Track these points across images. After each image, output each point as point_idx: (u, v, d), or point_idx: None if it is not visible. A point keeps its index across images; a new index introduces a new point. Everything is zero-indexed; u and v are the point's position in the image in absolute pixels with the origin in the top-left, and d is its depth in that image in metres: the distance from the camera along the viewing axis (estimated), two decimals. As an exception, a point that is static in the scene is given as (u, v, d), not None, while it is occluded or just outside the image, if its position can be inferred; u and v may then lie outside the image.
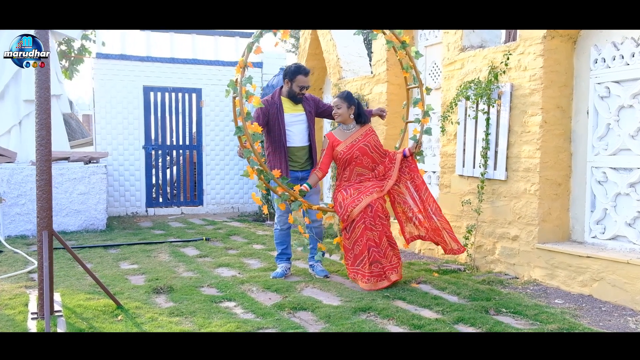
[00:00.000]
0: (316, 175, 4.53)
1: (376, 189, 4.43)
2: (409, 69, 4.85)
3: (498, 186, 4.89)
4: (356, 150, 4.50)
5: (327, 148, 4.56)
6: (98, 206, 7.37)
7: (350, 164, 4.52)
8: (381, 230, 4.30)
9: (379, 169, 4.58)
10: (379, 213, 4.30)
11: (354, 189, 4.44)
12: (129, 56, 8.93)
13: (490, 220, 4.98)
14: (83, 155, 7.60)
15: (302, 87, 4.63)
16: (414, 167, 4.63)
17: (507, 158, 4.79)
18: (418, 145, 4.68)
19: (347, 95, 4.57)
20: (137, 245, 6.31)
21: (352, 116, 4.56)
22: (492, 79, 4.85)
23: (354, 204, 4.29)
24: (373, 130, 4.67)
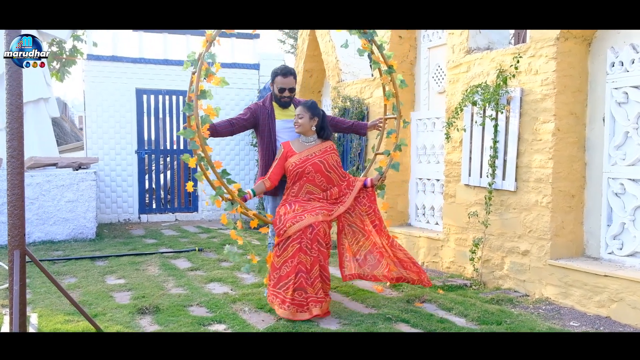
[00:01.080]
0: (264, 184, 4.11)
1: (324, 211, 3.96)
2: (391, 96, 4.47)
3: (507, 197, 4.60)
4: (309, 165, 4.04)
5: (279, 158, 4.14)
6: (87, 214, 7.08)
7: (300, 179, 4.06)
8: (316, 256, 3.81)
9: (332, 190, 4.13)
10: (319, 237, 3.82)
11: (299, 204, 4.00)
12: (121, 57, 8.64)
13: (498, 233, 4.69)
14: (72, 161, 7.31)
15: (281, 89, 4.28)
16: (373, 200, 4.20)
17: (516, 168, 4.50)
18: (382, 179, 4.30)
19: (311, 105, 4.14)
20: (127, 256, 6.01)
21: (314, 128, 4.12)
22: (500, 83, 4.56)
23: (294, 220, 3.83)
24: (334, 148, 4.21)
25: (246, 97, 9.35)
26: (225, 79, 3.78)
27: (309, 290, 3.77)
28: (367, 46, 4.28)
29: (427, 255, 5.56)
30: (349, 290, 4.53)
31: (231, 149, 9.44)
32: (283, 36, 17.92)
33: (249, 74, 9.42)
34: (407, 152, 6.20)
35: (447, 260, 5.28)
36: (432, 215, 5.95)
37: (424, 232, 5.71)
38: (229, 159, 9.40)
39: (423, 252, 5.61)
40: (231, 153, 9.45)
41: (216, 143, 9.27)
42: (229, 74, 9.25)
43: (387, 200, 6.15)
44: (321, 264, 3.86)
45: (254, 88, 9.42)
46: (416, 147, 6.13)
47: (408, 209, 6.29)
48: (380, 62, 4.35)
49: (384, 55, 4.29)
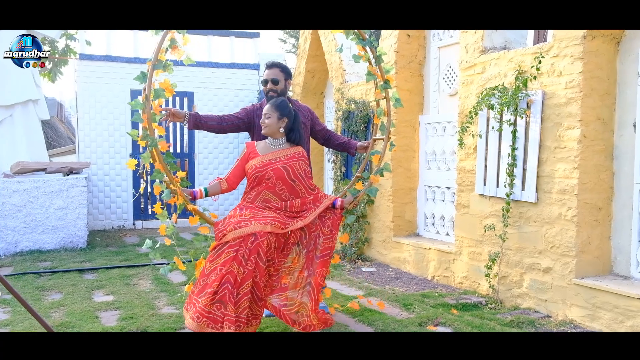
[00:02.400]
0: (219, 184, 3.61)
1: (276, 222, 3.42)
2: (382, 115, 3.99)
3: (526, 209, 4.24)
4: (270, 170, 3.55)
5: (241, 158, 3.66)
6: (78, 222, 6.72)
7: (259, 185, 3.57)
8: (251, 270, 3.28)
9: (294, 202, 3.60)
10: (260, 249, 3.28)
11: (251, 211, 3.49)
12: (115, 57, 8.28)
13: (516, 248, 4.33)
14: (62, 165, 6.95)
15: (264, 81, 3.94)
16: (337, 224, 3.64)
17: (537, 177, 4.14)
18: (354, 203, 3.75)
19: (280, 104, 3.65)
20: (117, 268, 5.66)
21: (283, 130, 3.63)
22: (520, 86, 4.20)
23: (238, 225, 3.33)
24: (304, 155, 3.69)
25: (245, 99, 9.00)
26: (190, 57, 3.38)
27: (229, 307, 3.25)
28: (364, 55, 3.87)
29: (437, 269, 5.20)
30: (354, 310, 4.17)
31: (224, 157, 9.08)
32: (284, 35, 17.56)
33: (248, 74, 9.07)
34: (415, 158, 5.84)
35: (459, 275, 4.92)
36: (442, 225, 5.59)
37: (434, 244, 5.35)
38: (222, 168, 9.05)
39: (433, 266, 5.25)
40: (225, 162, 9.09)
41: (209, 140, 8.91)
42: (227, 75, 8.91)
43: (395, 208, 5.79)
44: (255, 280, 3.32)
45: (253, 89, 9.07)
46: (425, 152, 5.78)
47: (416, 218, 5.93)
48: (377, 75, 3.91)
49: (381, 68, 3.88)
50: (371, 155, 3.98)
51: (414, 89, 5.81)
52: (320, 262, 3.53)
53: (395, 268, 5.78)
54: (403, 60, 5.74)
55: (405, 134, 5.80)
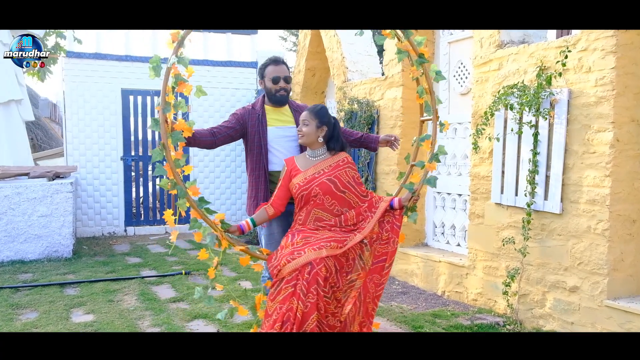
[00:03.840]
0: (266, 211, 3.26)
1: (332, 242, 3.04)
2: (424, 94, 3.55)
3: (550, 221, 3.81)
4: (316, 186, 3.17)
5: (283, 177, 3.28)
6: (63, 230, 6.31)
7: (307, 204, 3.20)
8: (314, 302, 2.90)
9: (348, 214, 3.21)
10: (319, 277, 2.92)
11: (303, 235, 3.14)
12: (105, 55, 7.86)
13: (538, 264, 3.90)
14: (46, 170, 6.54)
15: (275, 79, 3.47)
16: (397, 227, 3.22)
17: (562, 185, 3.71)
18: (414, 199, 3.32)
19: (319, 111, 3.27)
20: (102, 282, 5.24)
21: (322, 139, 3.26)
22: (542, 83, 3.77)
23: (291, 257, 2.99)
24: (350, 161, 3.29)
25: (243, 98, 8.58)
26: (202, 87, 3.02)
27: None
28: (389, 32, 3.44)
29: (448, 284, 4.78)
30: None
31: (220, 160, 8.66)
32: (285, 33, 17.13)
33: (246, 72, 8.65)
34: (423, 162, 5.41)
35: (473, 292, 4.49)
36: (452, 235, 5.16)
37: (444, 256, 4.92)
38: (219, 172, 8.62)
39: (444, 280, 4.83)
40: (222, 164, 8.66)
41: (205, 154, 8.48)
42: (224, 73, 8.49)
43: (401, 217, 5.36)
44: (321, 311, 2.96)
45: (251, 88, 8.65)
46: (434, 156, 5.34)
47: (424, 226, 5.50)
48: (409, 51, 3.44)
49: (412, 42, 3.42)
50: (420, 141, 3.52)
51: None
52: (373, 269, 3.15)
53: (402, 281, 5.36)
54: (410, 57, 5.31)
55: (412, 137, 5.36)
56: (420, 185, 3.41)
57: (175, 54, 2.94)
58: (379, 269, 3.15)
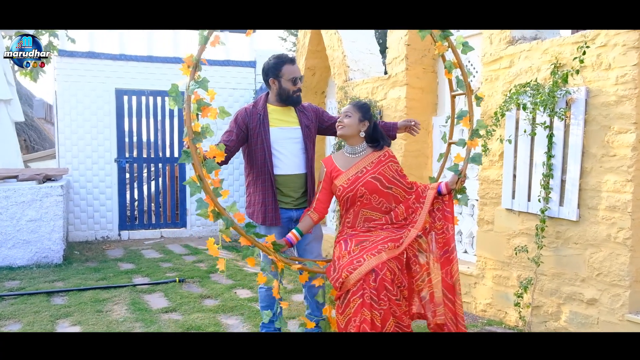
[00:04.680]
0: (310, 218, 3.17)
1: (389, 243, 2.97)
2: (453, 68, 3.40)
3: (566, 228, 3.57)
4: (361, 186, 3.07)
5: (324, 179, 3.20)
6: (53, 235, 6.06)
7: (354, 205, 3.12)
8: (387, 308, 2.86)
9: (397, 210, 3.12)
10: (386, 283, 2.85)
11: (356, 241, 3.04)
12: (99, 54, 7.61)
13: (553, 274, 3.66)
14: (36, 172, 6.30)
15: (294, 80, 3.28)
16: (449, 213, 3.13)
17: (579, 190, 3.48)
18: (461, 180, 3.21)
19: (363, 105, 3.20)
20: (92, 290, 5.00)
21: (363, 134, 3.17)
22: (557, 82, 3.53)
23: (352, 267, 2.88)
24: (391, 155, 3.19)
25: (241, 99, 8.34)
26: (225, 108, 2.83)
27: None
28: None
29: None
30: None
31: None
32: (284, 33, 16.90)
33: (244, 72, 8.41)
34: (428, 165, 5.18)
35: (482, 302, 4.25)
36: (459, 241, 4.92)
37: (451, 264, 4.67)
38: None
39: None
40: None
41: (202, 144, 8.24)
42: (221, 73, 8.25)
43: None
44: (396, 315, 2.90)
45: (249, 88, 8.41)
46: (439, 158, 5.11)
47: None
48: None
49: None
50: (458, 119, 3.39)
51: (426, 87, 5.15)
52: (443, 262, 3.09)
53: (406, 289, 5.11)
54: (414, 55, 5.09)
55: (416, 138, 5.13)
56: (466, 164, 3.30)
57: (192, 79, 2.75)
58: (448, 260, 3.08)
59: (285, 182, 3.30)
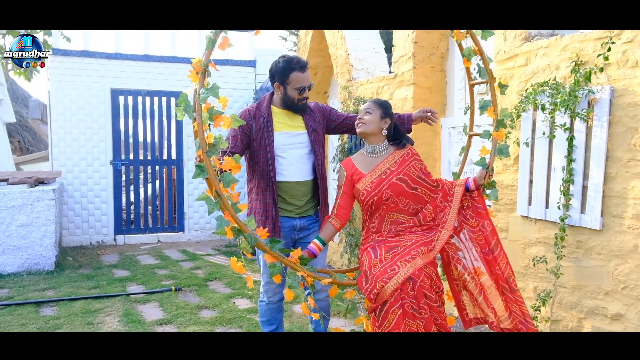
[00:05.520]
0: (332, 225, 2.95)
1: (421, 247, 2.77)
2: (472, 55, 3.18)
3: (587, 237, 3.33)
4: (386, 188, 2.88)
5: (344, 184, 2.97)
6: (44, 241, 5.83)
7: (379, 209, 2.92)
8: (429, 317, 2.66)
9: (425, 211, 2.93)
10: (425, 290, 2.66)
11: (386, 247, 2.82)
12: (94, 53, 7.39)
13: (573, 286, 3.42)
14: (27, 175, 6.07)
15: (301, 89, 3.02)
16: (482, 209, 2.97)
17: (603, 197, 3.23)
18: (488, 175, 3.04)
19: (384, 103, 3.01)
20: (83, 300, 4.76)
21: (385, 132, 2.97)
22: (579, 80, 3.29)
23: (386, 277, 2.66)
24: (415, 152, 3.00)
25: (240, 99, 8.11)
26: (236, 116, 2.56)
27: None
28: None
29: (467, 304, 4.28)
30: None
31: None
32: (285, 33, 16.66)
33: (243, 71, 8.18)
34: (436, 168, 4.94)
35: (495, 315, 4.01)
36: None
37: (461, 273, 4.43)
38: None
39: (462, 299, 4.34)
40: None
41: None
42: (221, 72, 8.02)
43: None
44: (438, 322, 2.70)
45: (249, 88, 8.18)
46: (448, 161, 4.87)
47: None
48: None
49: None
50: (482, 109, 3.17)
51: (435, 87, 4.91)
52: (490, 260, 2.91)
53: (413, 299, 4.87)
54: (422, 53, 4.85)
55: (424, 140, 4.91)
56: (492, 158, 3.10)
57: (202, 86, 2.48)
58: (493, 260, 2.89)
59: (289, 189, 3.06)
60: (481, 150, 3.09)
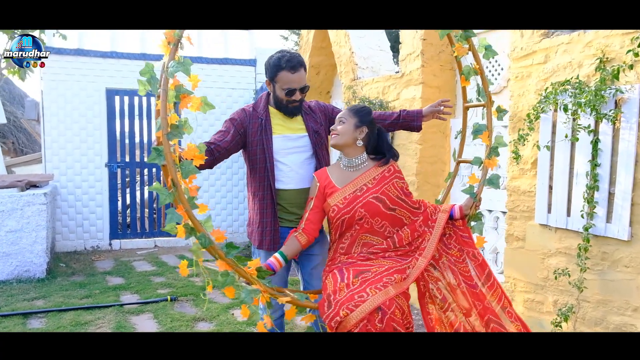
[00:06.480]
0: (297, 241, 2.62)
1: (395, 275, 2.45)
2: (472, 74, 2.89)
3: (614, 249, 3.08)
4: (360, 207, 2.57)
5: (315, 196, 2.66)
6: (35, 247, 5.59)
7: (350, 229, 2.61)
8: None
9: (402, 233, 2.62)
10: (394, 323, 2.33)
11: (355, 271, 2.49)
12: (88, 51, 7.14)
13: (598, 301, 3.17)
14: (17, 179, 5.82)
15: (290, 91, 2.73)
16: (468, 237, 2.65)
17: (631, 205, 2.98)
18: (475, 205, 2.73)
19: (361, 109, 2.70)
20: (73, 311, 4.52)
21: (361, 143, 2.66)
22: (605, 79, 3.04)
23: (353, 304, 2.34)
24: (397, 170, 2.68)
25: (240, 99, 7.86)
26: (207, 99, 2.27)
27: None
28: None
29: (479, 317, 4.04)
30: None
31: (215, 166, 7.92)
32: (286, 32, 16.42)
33: (243, 71, 7.93)
34: (446, 172, 4.69)
35: (511, 329, 3.76)
36: (481, 256, 4.43)
37: (473, 283, 4.19)
38: (213, 179, 7.90)
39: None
40: (217, 172, 7.94)
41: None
42: (219, 72, 7.78)
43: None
44: None
45: (249, 88, 7.94)
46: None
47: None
48: None
49: None
50: (476, 133, 2.88)
51: (444, 86, 4.67)
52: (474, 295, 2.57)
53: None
54: (431, 51, 4.61)
55: (433, 142, 4.66)
56: (482, 187, 2.81)
57: (172, 59, 2.20)
58: (480, 295, 2.56)
59: (289, 197, 2.80)
60: (470, 177, 2.80)
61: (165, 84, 2.17)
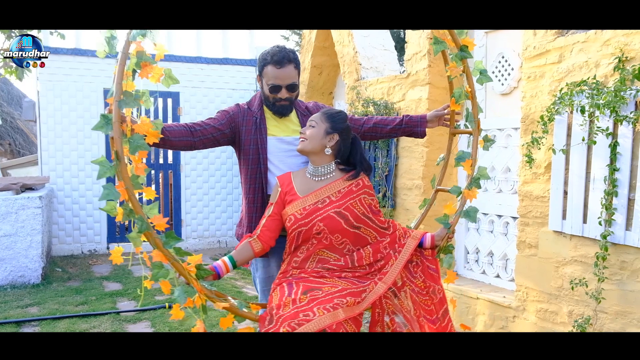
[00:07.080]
0: (251, 247, 2.38)
1: (348, 297, 2.21)
2: (463, 98, 2.65)
3: (634, 257, 2.93)
4: (319, 220, 2.33)
5: (275, 202, 2.43)
6: (30, 252, 5.45)
7: (306, 243, 2.38)
8: None
9: (363, 252, 2.39)
10: None
11: (305, 287, 2.27)
12: (86, 51, 6.99)
13: (616, 312, 3.02)
14: (12, 181, 5.68)
15: (274, 87, 2.55)
16: (435, 271, 2.42)
17: (653, 212, 2.84)
18: (448, 236, 2.52)
19: (336, 115, 2.48)
20: (67, 319, 4.37)
21: (330, 152, 2.43)
22: (624, 79, 2.90)
23: (296, 322, 2.11)
24: (367, 184, 2.44)
25: (240, 100, 7.69)
26: (172, 72, 2.11)
27: None
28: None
29: (489, 327, 3.90)
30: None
31: (215, 168, 7.79)
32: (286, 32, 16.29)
33: (243, 71, 7.79)
34: (453, 176, 4.54)
35: (523, 340, 3.61)
36: (489, 263, 4.29)
37: (482, 291, 4.04)
38: (213, 182, 7.76)
39: (483, 322, 3.95)
40: (217, 174, 7.79)
41: (198, 162, 7.63)
42: (219, 72, 7.64)
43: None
44: None
45: (249, 89, 7.80)
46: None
47: (454, 251, 4.62)
48: (446, 41, 2.56)
49: (452, 32, 2.54)
50: (459, 161, 2.70)
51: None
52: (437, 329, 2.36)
53: (428, 318, 4.47)
54: (438, 50, 4.45)
55: (440, 145, 4.52)
56: (457, 219, 2.59)
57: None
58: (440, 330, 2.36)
59: None
60: (446, 206, 2.60)
61: (126, 47, 2.00)
